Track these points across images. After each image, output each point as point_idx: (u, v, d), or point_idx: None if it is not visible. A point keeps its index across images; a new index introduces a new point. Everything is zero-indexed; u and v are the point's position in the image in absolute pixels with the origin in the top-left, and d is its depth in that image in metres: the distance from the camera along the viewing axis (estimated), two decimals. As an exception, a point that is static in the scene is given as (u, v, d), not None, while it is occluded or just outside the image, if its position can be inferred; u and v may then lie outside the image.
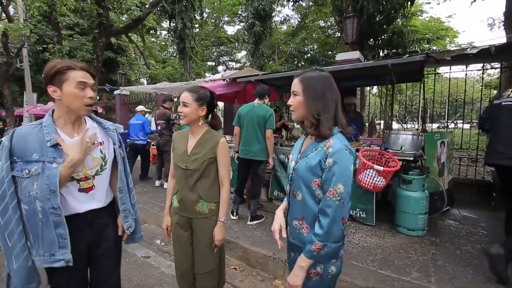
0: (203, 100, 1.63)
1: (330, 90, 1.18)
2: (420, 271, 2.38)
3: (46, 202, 1.16)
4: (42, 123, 1.23)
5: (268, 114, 3.32)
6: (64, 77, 1.18)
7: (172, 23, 10.36)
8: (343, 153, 1.09)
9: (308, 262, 1.13)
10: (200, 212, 1.65)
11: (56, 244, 1.20)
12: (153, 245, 3.33)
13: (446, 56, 2.91)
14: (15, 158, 1.16)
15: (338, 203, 1.06)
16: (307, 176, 1.15)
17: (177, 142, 1.74)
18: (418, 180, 3.07)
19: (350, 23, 5.12)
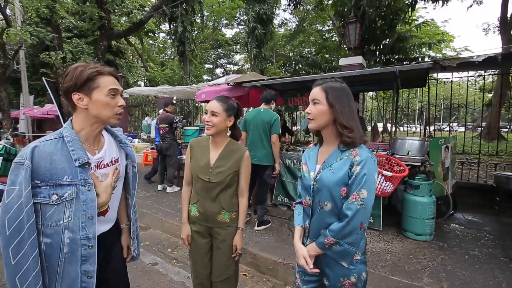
0: (231, 111, 1.62)
1: (352, 100, 1.21)
2: (432, 276, 2.39)
3: (79, 231, 1.01)
4: (64, 137, 1.04)
5: (273, 119, 3.31)
6: (95, 84, 1.04)
7: (172, 26, 10.36)
8: (370, 161, 1.11)
9: (316, 252, 1.19)
10: (221, 221, 1.64)
11: (78, 284, 1.03)
12: (159, 251, 3.29)
13: (452, 63, 2.95)
14: (37, 182, 0.97)
15: (359, 207, 1.07)
16: (336, 187, 1.14)
17: (196, 152, 1.69)
18: (426, 185, 3.09)
19: (353, 29, 5.18)
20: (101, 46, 6.79)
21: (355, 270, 1.16)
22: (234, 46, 22.34)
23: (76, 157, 1.02)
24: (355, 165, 1.10)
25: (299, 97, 4.51)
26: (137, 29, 7.58)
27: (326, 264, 1.20)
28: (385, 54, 6.56)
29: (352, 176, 1.11)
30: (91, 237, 1.04)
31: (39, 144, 1.01)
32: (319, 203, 1.20)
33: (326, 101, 1.17)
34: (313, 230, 1.25)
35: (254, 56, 9.40)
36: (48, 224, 0.99)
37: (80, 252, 1.02)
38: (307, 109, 1.23)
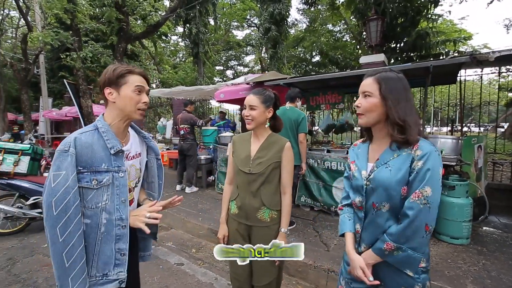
0: (269, 102, 1.58)
1: (410, 92, 1.09)
2: (476, 282, 2.25)
3: (114, 213, 1.12)
4: (98, 129, 1.15)
5: (300, 118, 3.24)
6: (124, 80, 1.15)
7: (186, 28, 10.44)
8: (434, 155, 0.99)
9: (375, 260, 1.06)
10: (261, 220, 1.57)
11: (112, 261, 1.12)
12: (183, 251, 3.26)
13: (490, 58, 2.79)
14: (80, 168, 1.07)
15: (422, 207, 0.95)
16: (395, 186, 1.02)
17: (238, 146, 1.68)
18: (462, 186, 2.94)
19: (374, 26, 5.04)
20: (120, 48, 6.90)
21: (420, 280, 1.03)
22: (244, 47, 22.39)
23: (111, 146, 1.13)
24: (417, 160, 0.99)
25: (321, 96, 4.41)
26: (154, 30, 7.67)
27: (384, 273, 1.07)
28: (406, 51, 6.37)
29: (413, 172, 0.99)
30: (124, 218, 1.14)
31: (79, 135, 1.11)
32: (373, 204, 1.08)
33: (379, 93, 1.05)
34: (367, 235, 1.13)
35: (270, 57, 9.35)
36: (88, 206, 1.09)
37: (114, 231, 1.12)
38: (356, 103, 1.11)
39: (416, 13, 5.79)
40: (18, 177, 3.58)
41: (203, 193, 5.21)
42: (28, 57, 11.65)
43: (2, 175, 3.50)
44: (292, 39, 16.25)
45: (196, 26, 9.74)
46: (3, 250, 3.20)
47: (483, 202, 3.40)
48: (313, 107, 4.58)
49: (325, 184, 3.77)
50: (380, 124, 1.10)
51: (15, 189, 3.56)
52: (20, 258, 3.00)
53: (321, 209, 3.93)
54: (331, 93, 4.30)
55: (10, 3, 14.29)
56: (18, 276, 2.66)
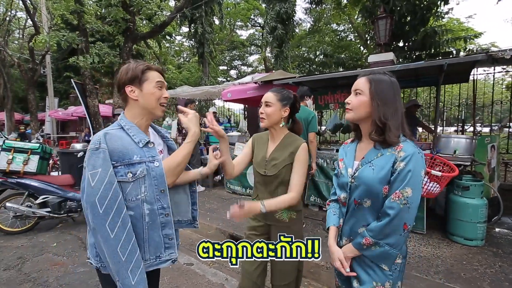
0: (286, 101, 1.53)
1: (399, 97, 1.13)
2: (493, 285, 2.20)
3: (155, 203, 1.13)
4: (123, 126, 1.16)
5: (310, 116, 3.19)
6: (145, 77, 1.16)
7: (192, 28, 10.45)
8: (416, 157, 1.01)
9: (353, 253, 1.13)
10: (279, 220, 1.54)
11: (162, 245, 1.17)
12: (192, 251, 3.23)
13: (506, 55, 2.73)
14: (113, 162, 1.07)
15: (402, 207, 0.99)
16: (376, 184, 1.05)
17: (257, 146, 1.65)
18: (476, 186, 2.88)
19: (383, 24, 4.98)
20: (127, 48, 6.92)
21: (392, 277, 1.08)
22: (248, 47, 22.36)
23: (138, 140, 1.14)
24: (399, 161, 1.02)
25: (330, 95, 4.36)
26: (160, 30, 7.69)
27: (361, 266, 1.13)
28: (414, 50, 6.28)
29: (395, 172, 1.02)
30: (166, 207, 1.16)
31: (108, 131, 1.13)
32: (355, 201, 1.14)
33: (369, 92, 1.08)
34: (348, 229, 1.18)
35: (275, 56, 9.30)
36: (129, 199, 1.09)
37: (159, 220, 1.15)
38: (347, 99, 1.16)
39: (425, 11, 5.71)
40: (28, 176, 3.59)
41: (210, 193, 5.19)
42: (35, 58, 11.76)
43: (12, 174, 3.52)
44: (296, 39, 16.20)
45: (201, 26, 9.74)
46: (13, 248, 3.21)
47: (497, 203, 3.33)
48: (321, 106, 4.53)
49: (335, 184, 3.73)
50: (367, 122, 1.14)
51: (24, 188, 3.57)
52: (30, 257, 3.00)
53: (330, 209, 3.88)
54: (340, 92, 4.25)
55: (17, 4, 14.44)
56: (28, 275, 2.66)
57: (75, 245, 3.32)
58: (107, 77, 15.94)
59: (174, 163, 1.18)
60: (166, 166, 1.16)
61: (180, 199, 1.43)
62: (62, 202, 3.71)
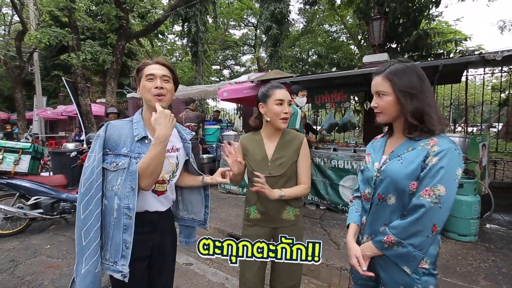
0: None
1: (426, 81, 1.03)
2: (488, 279, 2.27)
3: (123, 199, 1.12)
4: (133, 120, 1.25)
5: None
6: (140, 74, 1.23)
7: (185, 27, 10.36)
8: (452, 152, 0.93)
9: (372, 252, 1.04)
10: (286, 219, 1.52)
11: (120, 250, 1.13)
12: (191, 251, 3.21)
13: (497, 57, 2.83)
14: (107, 150, 1.16)
15: (433, 205, 0.90)
16: (402, 178, 0.99)
17: (250, 147, 1.58)
18: (470, 184, 2.96)
19: (377, 25, 5.07)
20: (119, 46, 6.78)
21: (420, 282, 0.97)
22: (241, 47, 22.33)
23: (136, 133, 1.19)
24: (432, 155, 0.94)
25: (326, 95, 4.41)
26: (154, 28, 7.59)
27: (382, 267, 1.05)
28: (407, 51, 6.43)
29: (425, 167, 0.94)
30: (131, 208, 1.12)
31: (113, 122, 1.23)
32: (379, 195, 1.06)
33: (392, 90, 1.01)
34: (370, 226, 1.11)
35: (270, 55, 9.32)
36: (107, 187, 1.14)
37: (122, 220, 1.12)
38: (373, 104, 1.09)
39: (418, 13, 5.85)
40: (19, 177, 3.48)
41: (206, 193, 5.16)
42: (22, 55, 11.39)
43: (2, 175, 3.40)
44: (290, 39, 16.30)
45: (195, 25, 9.67)
46: (4, 251, 3.10)
47: (488, 199, 3.44)
48: (318, 105, 4.57)
49: (332, 183, 3.77)
50: (400, 119, 1.07)
51: (15, 189, 3.47)
52: (22, 260, 2.91)
53: (328, 207, 3.92)
54: (336, 92, 4.30)
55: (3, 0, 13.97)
56: (22, 278, 2.58)
57: (69, 246, 3.24)
58: (98, 76, 15.62)
59: (143, 165, 1.12)
60: (139, 166, 1.13)
61: (195, 200, 1.50)
62: (55, 203, 3.62)
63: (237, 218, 3.77)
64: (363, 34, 8.20)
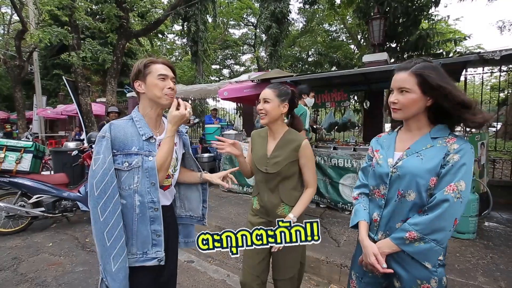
0: (285, 96, 1.54)
1: (449, 79, 1.04)
2: (486, 275, 2.30)
3: (145, 195, 1.15)
4: (133, 118, 1.24)
5: (299, 113, 3.12)
6: (147, 71, 1.22)
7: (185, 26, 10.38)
8: (469, 152, 0.99)
9: (391, 249, 1.04)
10: (281, 216, 1.55)
11: (150, 241, 1.18)
12: (193, 248, 3.23)
13: (496, 56, 2.85)
14: (115, 151, 1.16)
15: (456, 200, 0.94)
16: (424, 174, 1.01)
17: (256, 143, 1.66)
18: (468, 181, 2.99)
19: (377, 25, 5.10)
20: (120, 45, 6.80)
21: (437, 273, 1.01)
22: (241, 47, 22.33)
23: (142, 133, 1.20)
24: (453, 153, 0.98)
25: (326, 94, 4.44)
26: (154, 28, 7.58)
27: (399, 263, 1.06)
28: (407, 50, 6.46)
29: (447, 164, 0.98)
30: (156, 201, 1.17)
31: (115, 122, 1.21)
32: (398, 191, 1.07)
33: (419, 88, 1.01)
34: (386, 223, 1.11)
35: (270, 55, 9.35)
36: (123, 187, 1.15)
37: (148, 213, 1.16)
38: (392, 99, 1.08)
39: (418, 13, 5.88)
40: (21, 175, 3.50)
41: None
42: (21, 55, 11.38)
43: (4, 173, 3.42)
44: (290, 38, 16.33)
45: (195, 24, 9.70)
46: (7, 249, 3.13)
47: (486, 198, 3.47)
48: (318, 104, 4.59)
49: (332, 181, 3.80)
50: (415, 117, 1.09)
51: (17, 187, 3.48)
52: (25, 257, 2.93)
53: (328, 206, 3.95)
54: (336, 91, 4.33)
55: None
56: (25, 275, 2.60)
57: (71, 244, 3.26)
58: (98, 75, 15.61)
59: (161, 160, 1.19)
60: (157, 161, 1.19)
61: (192, 195, 1.51)
62: (56, 202, 3.65)
63: (237, 217, 3.79)
64: (363, 34, 8.24)
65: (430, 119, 1.09)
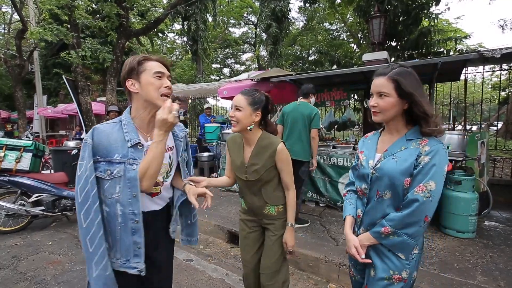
0: (258, 104, 1.49)
1: (420, 87, 1.12)
2: (485, 274, 2.29)
3: (127, 206, 1.11)
4: (121, 121, 1.17)
5: (313, 113, 3.18)
6: (142, 68, 1.15)
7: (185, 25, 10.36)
8: (441, 152, 1.04)
9: (369, 242, 1.14)
10: (268, 215, 1.61)
11: (132, 251, 1.15)
12: (191, 247, 3.24)
13: (496, 54, 2.84)
14: (98, 158, 1.11)
15: (425, 199, 1.01)
16: (398, 176, 1.07)
17: (232, 150, 1.65)
18: (468, 181, 2.99)
19: (377, 23, 5.07)
20: (120, 44, 6.79)
21: (409, 266, 1.10)
22: (241, 45, 22.30)
23: (128, 138, 1.14)
24: (424, 155, 1.04)
25: (326, 93, 4.42)
26: (154, 27, 7.55)
27: (377, 255, 1.15)
28: (407, 49, 6.43)
29: (418, 166, 1.04)
30: (137, 213, 1.13)
31: (99, 126, 1.16)
32: (377, 191, 1.15)
33: (395, 92, 1.07)
34: (367, 219, 1.20)
35: (270, 54, 9.33)
36: (106, 195, 1.12)
37: (130, 224, 1.13)
38: (372, 102, 1.13)
39: (419, 11, 5.84)
40: (20, 174, 3.50)
41: (206, 190, 5.19)
42: (22, 54, 11.40)
43: (4, 172, 3.43)
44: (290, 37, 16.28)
45: (195, 23, 9.68)
46: (6, 248, 3.13)
47: (486, 197, 3.46)
48: (318, 103, 4.57)
49: (331, 180, 3.79)
50: (393, 120, 1.14)
51: (17, 186, 3.49)
52: (25, 256, 2.94)
53: (327, 205, 3.95)
54: (336, 90, 4.32)
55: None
56: (24, 274, 2.61)
57: (71, 243, 3.27)
58: (98, 74, 15.61)
59: (143, 167, 1.11)
60: (139, 170, 1.11)
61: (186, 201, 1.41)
62: (56, 201, 3.65)
63: (236, 215, 3.79)
64: (363, 32, 8.20)
65: (408, 121, 1.14)
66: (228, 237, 3.39)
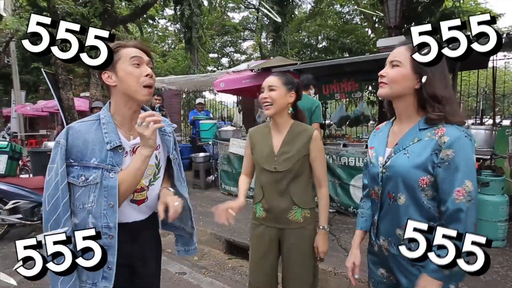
0: (291, 85, 1.55)
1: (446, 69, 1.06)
2: (516, 288, 2.27)
3: (100, 219, 1.08)
4: (100, 119, 1.14)
5: (314, 106, 3.23)
6: (117, 57, 1.09)
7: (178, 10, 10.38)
8: (464, 141, 0.95)
9: (436, 286, 0.96)
10: (293, 221, 1.54)
11: (100, 273, 1.10)
12: (185, 259, 3.25)
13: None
14: (71, 161, 1.08)
15: (469, 205, 0.92)
16: (412, 175, 1.01)
17: (257, 141, 1.65)
18: (497, 182, 2.95)
19: (393, 5, 5.04)
20: (104, 33, 6.82)
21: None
22: (242, 32, 22.25)
23: (108, 140, 1.10)
24: (445, 148, 0.95)
25: (335, 84, 4.39)
26: (142, 12, 7.59)
27: (404, 274, 1.08)
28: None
29: (442, 163, 0.96)
30: (112, 227, 1.09)
31: (75, 125, 1.13)
32: (389, 194, 1.09)
33: (410, 62, 1.02)
34: (385, 227, 1.14)
35: (272, 42, 9.29)
36: (76, 205, 1.09)
37: (102, 240, 1.05)
38: (382, 72, 1.09)
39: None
40: (-5, 179, 3.55)
41: (202, 195, 5.21)
42: (-3, 45, 11.51)
43: (-23, 177, 3.48)
44: (296, 22, 16.22)
45: (189, 8, 9.68)
46: (-20, 261, 3.18)
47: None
48: (326, 96, 4.56)
49: (342, 183, 3.78)
50: (405, 99, 1.08)
51: (-9, 192, 3.54)
52: (1, 270, 2.98)
53: (337, 210, 3.94)
54: (346, 81, 4.29)
55: (-25, -17, 14.07)
56: (0, 289, 2.64)
57: (51, 255, 3.31)
58: (82, 67, 15.71)
59: (122, 179, 1.10)
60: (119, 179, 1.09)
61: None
62: (35, 208, 3.69)
63: (236, 223, 3.78)
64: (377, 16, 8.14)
65: (420, 107, 1.07)
66: (225, 247, 3.41)
